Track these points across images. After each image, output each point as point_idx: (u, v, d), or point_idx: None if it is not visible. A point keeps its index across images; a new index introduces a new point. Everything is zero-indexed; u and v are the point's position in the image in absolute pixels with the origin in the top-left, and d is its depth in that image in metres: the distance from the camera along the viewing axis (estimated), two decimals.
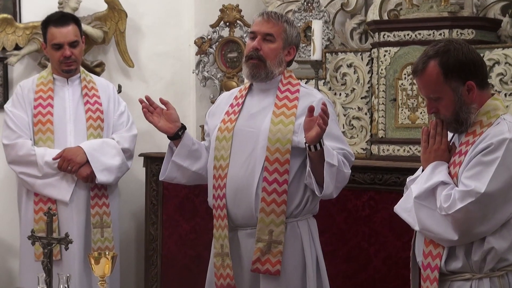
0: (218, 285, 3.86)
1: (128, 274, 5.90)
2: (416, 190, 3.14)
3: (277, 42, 3.82)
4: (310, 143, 3.54)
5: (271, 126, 3.77)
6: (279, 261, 3.75)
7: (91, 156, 4.83)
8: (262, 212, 3.75)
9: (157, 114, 3.91)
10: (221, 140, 3.86)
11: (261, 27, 3.83)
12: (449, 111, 3.17)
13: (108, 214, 4.92)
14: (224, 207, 3.82)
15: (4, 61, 5.57)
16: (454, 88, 3.13)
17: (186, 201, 5.51)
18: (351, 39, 5.73)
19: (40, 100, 4.88)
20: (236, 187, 3.80)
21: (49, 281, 3.30)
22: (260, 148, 3.77)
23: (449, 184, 3.09)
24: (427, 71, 3.14)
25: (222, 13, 5.91)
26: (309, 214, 3.90)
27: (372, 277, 4.74)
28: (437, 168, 3.16)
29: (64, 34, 4.87)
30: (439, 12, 5.07)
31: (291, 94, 3.84)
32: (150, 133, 5.89)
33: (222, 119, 3.92)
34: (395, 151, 5.10)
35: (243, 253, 3.86)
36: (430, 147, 3.23)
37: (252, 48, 3.82)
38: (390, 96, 5.13)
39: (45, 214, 3.35)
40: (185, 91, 6.20)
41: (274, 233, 3.76)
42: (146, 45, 6.05)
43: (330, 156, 3.62)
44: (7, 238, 5.56)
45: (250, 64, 3.83)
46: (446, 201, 3.03)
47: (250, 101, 3.92)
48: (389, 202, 4.67)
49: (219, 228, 3.86)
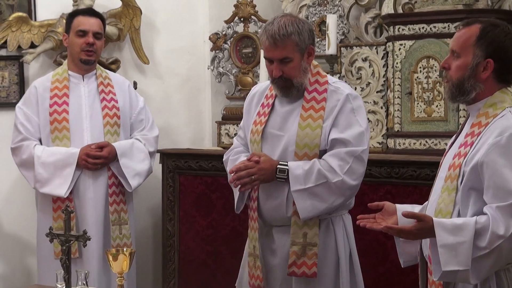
0: (250, 284, 3.91)
1: (146, 271, 5.92)
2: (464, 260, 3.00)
3: (295, 59, 3.75)
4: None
5: (299, 131, 3.76)
6: (315, 263, 3.76)
7: (123, 162, 4.87)
8: (295, 215, 3.76)
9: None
10: (253, 143, 3.89)
11: (273, 54, 3.74)
12: (458, 73, 3.16)
13: (125, 211, 4.94)
14: (256, 210, 3.86)
15: (19, 60, 5.59)
16: (475, 55, 3.12)
17: (203, 197, 5.51)
18: (365, 33, 5.72)
19: (56, 98, 4.89)
20: (268, 190, 3.82)
21: (67, 278, 3.31)
22: (289, 153, 3.78)
23: (473, 224, 2.98)
24: (468, 28, 3.16)
25: (237, 9, 5.91)
26: (344, 210, 3.92)
27: (389, 270, 4.74)
28: (442, 234, 3.02)
29: (91, 23, 4.92)
30: (453, 4, 5.05)
31: (319, 94, 3.81)
32: (166, 130, 5.92)
33: (254, 120, 3.93)
34: (411, 144, 5.10)
35: (278, 249, 3.88)
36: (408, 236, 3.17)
37: (275, 76, 3.77)
38: (406, 89, 5.12)
39: (63, 211, 3.36)
40: (200, 87, 6.21)
41: (308, 236, 3.77)
42: (161, 41, 6.06)
43: (299, 181, 3.69)
44: (24, 236, 5.59)
45: (279, 86, 3.81)
46: (500, 228, 2.95)
47: (280, 102, 3.90)
48: (405, 195, 4.67)
49: (252, 229, 3.90)
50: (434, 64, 5.02)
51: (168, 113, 6.06)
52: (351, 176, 3.73)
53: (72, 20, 4.95)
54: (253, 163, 3.74)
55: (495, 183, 2.97)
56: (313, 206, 3.71)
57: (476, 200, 3.04)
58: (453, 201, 3.09)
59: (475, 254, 2.96)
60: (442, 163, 3.26)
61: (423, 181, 4.64)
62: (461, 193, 3.06)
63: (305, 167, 3.71)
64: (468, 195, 3.06)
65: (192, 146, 6.01)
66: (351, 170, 3.72)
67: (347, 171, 3.71)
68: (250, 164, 3.74)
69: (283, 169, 3.72)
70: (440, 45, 5.00)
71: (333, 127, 3.76)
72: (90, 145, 4.81)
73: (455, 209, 3.08)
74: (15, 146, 4.90)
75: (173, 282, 5.65)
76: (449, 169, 3.14)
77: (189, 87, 6.16)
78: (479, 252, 2.96)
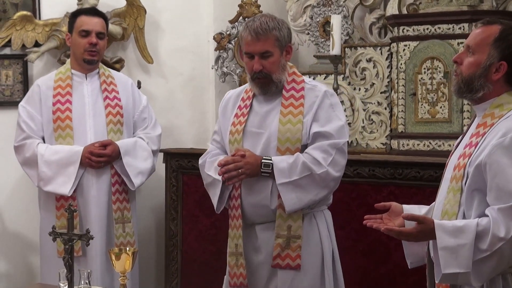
0: (231, 283, 3.95)
1: (149, 270, 5.92)
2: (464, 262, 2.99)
3: (275, 53, 3.84)
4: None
5: (280, 127, 3.82)
6: (298, 255, 3.83)
7: (127, 160, 4.87)
8: (280, 208, 3.81)
9: None
10: (233, 143, 3.92)
11: (254, 47, 3.83)
12: (469, 70, 3.15)
13: (128, 209, 4.94)
14: (239, 207, 3.89)
15: (23, 58, 5.60)
16: (490, 55, 3.11)
17: (206, 196, 5.46)
18: (370, 33, 5.72)
19: (59, 96, 4.89)
20: (251, 186, 3.86)
21: (70, 277, 3.30)
22: (271, 149, 3.83)
23: (474, 226, 2.97)
24: (488, 27, 3.15)
25: (241, 9, 5.91)
26: (324, 205, 3.97)
27: (392, 271, 4.73)
28: (443, 235, 3.02)
29: (94, 23, 4.92)
30: (458, 6, 5.05)
31: (297, 92, 3.88)
32: (170, 129, 5.92)
33: (232, 122, 3.97)
34: (415, 145, 5.09)
35: (261, 245, 3.91)
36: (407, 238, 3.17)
37: (255, 70, 3.84)
38: (410, 90, 5.12)
39: (66, 210, 3.35)
40: (204, 86, 6.21)
41: (292, 228, 3.82)
42: (165, 41, 6.06)
43: (284, 174, 3.74)
44: (27, 234, 5.59)
45: (258, 83, 3.88)
46: (500, 230, 2.93)
47: (258, 102, 3.95)
48: (409, 196, 4.66)
49: (234, 228, 3.94)
50: (439, 65, 5.02)
51: (172, 112, 6.06)
52: (335, 168, 3.80)
53: (75, 20, 4.95)
54: (240, 157, 3.79)
55: (498, 185, 2.96)
56: (298, 198, 3.77)
57: (480, 201, 3.03)
58: (458, 202, 3.08)
59: (477, 257, 2.95)
60: (448, 163, 3.26)
61: (426, 182, 4.63)
62: (466, 194, 3.06)
63: (289, 161, 3.77)
64: (472, 196, 3.05)
65: (195, 145, 6.01)
66: (334, 161, 3.79)
67: (331, 162, 3.78)
68: (237, 158, 3.80)
69: (267, 163, 3.78)
70: (444, 46, 5.00)
71: (314, 121, 3.83)
72: (94, 144, 4.81)
73: (460, 210, 3.07)
74: (18, 144, 4.90)
75: (175, 281, 5.65)
76: (454, 169, 3.13)
77: (193, 87, 6.16)
78: (480, 255, 2.95)
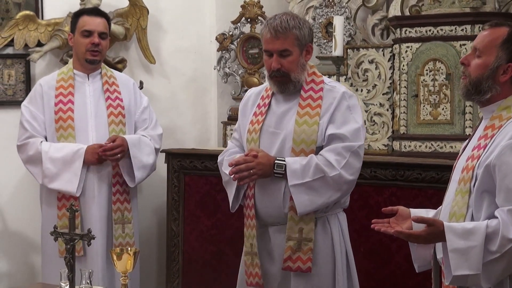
0: (248, 283, 3.93)
1: (150, 270, 5.92)
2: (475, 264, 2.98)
3: (294, 52, 3.81)
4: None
5: (296, 128, 3.80)
6: (310, 258, 3.79)
7: (133, 152, 4.87)
8: (292, 210, 3.79)
9: None
10: (250, 142, 3.91)
11: (273, 45, 3.80)
12: (477, 72, 3.14)
13: (129, 210, 4.94)
14: (253, 207, 3.88)
15: (26, 58, 5.60)
16: (498, 57, 3.11)
17: (208, 197, 5.52)
18: (372, 35, 5.72)
19: (61, 96, 4.89)
20: (265, 187, 3.84)
21: (71, 277, 3.31)
22: (286, 150, 3.81)
23: (483, 228, 2.97)
24: (496, 29, 3.15)
25: (244, 9, 5.92)
26: (339, 208, 3.94)
27: (394, 273, 4.73)
28: (453, 238, 3.01)
29: (96, 23, 4.92)
30: (461, 7, 5.04)
31: (315, 93, 3.85)
32: (171, 130, 5.92)
33: (251, 120, 3.96)
34: (416, 147, 5.09)
35: (274, 248, 3.90)
36: (416, 240, 3.16)
37: (273, 68, 3.82)
38: (412, 92, 5.12)
39: (67, 210, 3.36)
40: (206, 87, 6.21)
41: (304, 231, 3.80)
42: (167, 41, 6.06)
43: (296, 175, 3.72)
44: (29, 234, 5.59)
45: (276, 81, 3.85)
46: (510, 232, 2.93)
47: (276, 101, 3.94)
48: (410, 198, 4.66)
49: (248, 227, 3.92)
50: (441, 67, 5.02)
51: (174, 113, 6.06)
52: (348, 171, 3.76)
53: (77, 20, 4.96)
54: (252, 157, 3.77)
55: (507, 186, 2.96)
56: (310, 201, 3.74)
57: (490, 203, 3.03)
58: (466, 203, 3.08)
59: (486, 258, 2.95)
60: (456, 166, 3.26)
61: (428, 183, 4.64)
62: (475, 195, 3.05)
63: (303, 162, 3.75)
64: (482, 198, 3.05)
65: (197, 146, 6.01)
66: (348, 164, 3.75)
67: (344, 165, 3.75)
68: (249, 158, 3.79)
69: (280, 164, 3.76)
70: (447, 48, 5.00)
71: (330, 123, 3.80)
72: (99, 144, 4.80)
73: (468, 212, 3.07)
74: (21, 143, 4.90)
75: (177, 282, 5.65)
76: (462, 171, 3.13)
77: (195, 87, 6.17)
78: (490, 256, 2.95)
